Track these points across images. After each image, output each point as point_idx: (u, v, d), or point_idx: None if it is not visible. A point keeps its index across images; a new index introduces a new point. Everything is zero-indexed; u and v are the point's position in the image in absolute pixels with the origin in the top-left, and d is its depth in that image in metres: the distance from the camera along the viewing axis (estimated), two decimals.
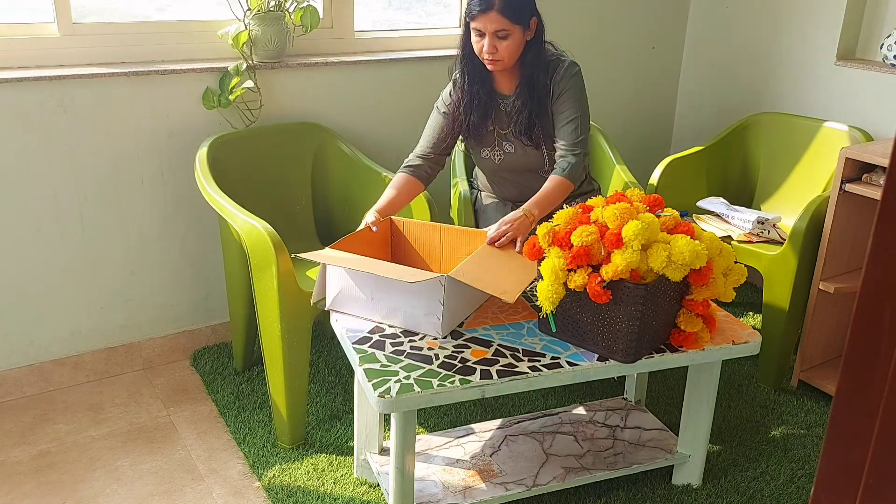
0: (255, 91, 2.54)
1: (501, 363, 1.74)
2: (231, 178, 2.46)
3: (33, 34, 2.34)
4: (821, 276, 2.47)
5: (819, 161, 2.85)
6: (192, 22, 2.57)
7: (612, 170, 2.72)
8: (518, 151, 2.31)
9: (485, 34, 2.13)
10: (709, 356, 1.88)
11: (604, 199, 1.86)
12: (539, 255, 1.80)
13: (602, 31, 3.29)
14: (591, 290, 1.69)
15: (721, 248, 1.81)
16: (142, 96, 2.43)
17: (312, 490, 2.11)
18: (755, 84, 3.25)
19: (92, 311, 2.55)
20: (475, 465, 2.05)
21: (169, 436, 2.34)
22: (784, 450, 2.32)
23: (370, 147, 2.83)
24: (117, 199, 2.49)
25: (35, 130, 2.31)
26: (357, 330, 1.86)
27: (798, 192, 2.88)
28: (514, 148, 2.31)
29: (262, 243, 2.05)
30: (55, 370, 2.54)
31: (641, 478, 2.17)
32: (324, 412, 2.44)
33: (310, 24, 2.55)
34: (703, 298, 1.81)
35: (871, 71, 2.82)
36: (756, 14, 3.20)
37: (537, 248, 1.80)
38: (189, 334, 2.75)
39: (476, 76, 2.24)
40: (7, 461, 2.21)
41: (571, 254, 1.71)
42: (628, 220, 1.70)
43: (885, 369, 0.64)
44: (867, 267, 0.63)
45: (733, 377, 2.68)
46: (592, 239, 1.71)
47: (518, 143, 2.30)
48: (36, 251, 2.40)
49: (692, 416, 2.08)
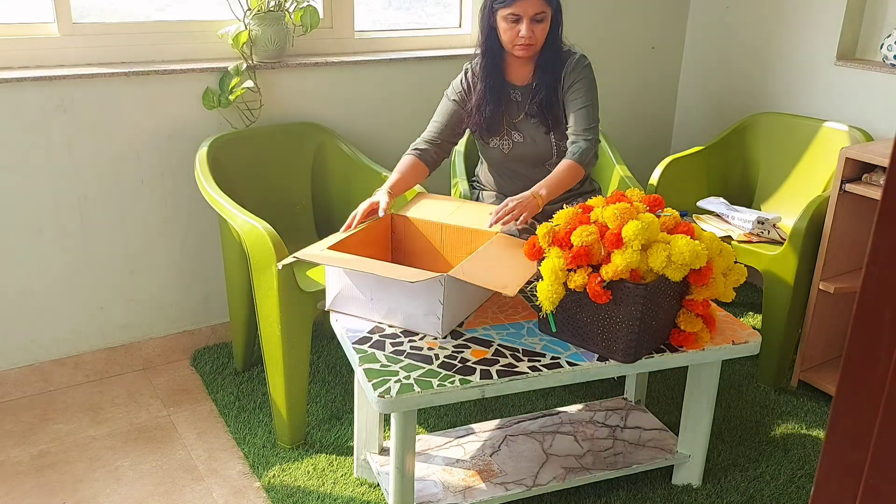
0: (255, 91, 2.54)
1: (501, 363, 1.74)
2: (231, 178, 2.46)
3: (33, 34, 2.34)
4: (821, 276, 2.47)
5: (819, 161, 2.85)
6: (192, 22, 2.57)
7: (612, 170, 2.72)
8: (527, 140, 2.31)
9: (521, 19, 2.16)
10: (709, 356, 1.88)
11: (604, 199, 1.86)
12: (539, 254, 1.80)
13: (602, 31, 3.29)
14: (591, 291, 1.69)
15: (721, 248, 1.81)
16: (142, 96, 2.43)
17: (312, 490, 2.11)
18: (755, 84, 3.25)
19: (92, 311, 2.55)
20: (475, 465, 2.05)
21: (169, 436, 2.34)
22: (784, 450, 2.32)
23: (370, 147, 2.83)
24: (117, 199, 2.49)
25: (35, 130, 2.31)
26: (357, 330, 1.86)
27: (798, 192, 2.88)
28: (523, 136, 2.32)
29: (262, 243, 2.05)
30: (55, 370, 2.54)
31: (641, 478, 2.17)
32: (324, 412, 2.44)
33: (310, 24, 2.55)
34: (703, 298, 1.81)
35: (871, 71, 2.82)
36: (756, 14, 3.20)
37: (537, 248, 1.80)
38: (189, 334, 2.75)
39: (493, 68, 2.28)
40: (7, 461, 2.21)
41: (571, 254, 1.71)
42: (628, 220, 1.70)
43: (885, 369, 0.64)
44: (867, 267, 0.63)
45: (733, 377, 2.68)
46: (592, 239, 1.70)
47: (527, 132, 2.31)
48: (36, 251, 2.40)
49: (692, 416, 2.08)
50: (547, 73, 2.26)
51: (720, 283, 1.81)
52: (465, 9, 3.06)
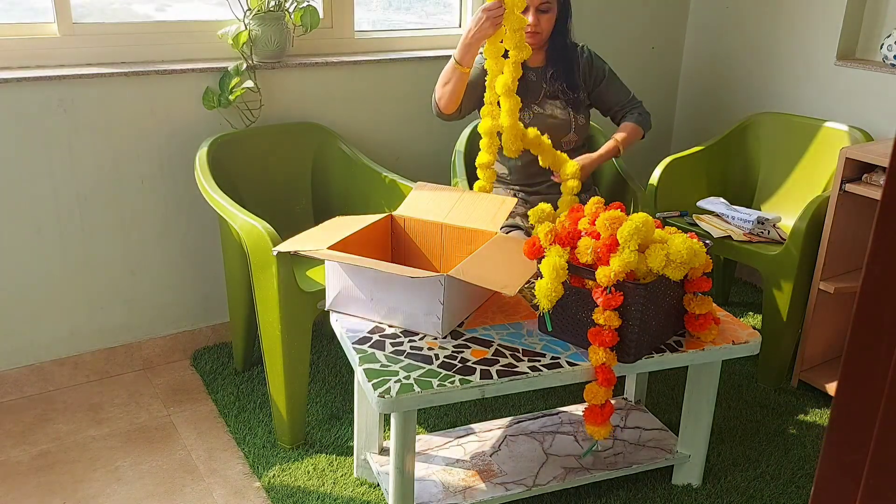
0: (255, 91, 2.54)
1: (501, 363, 1.74)
2: (231, 178, 2.46)
3: (33, 34, 2.34)
4: (821, 276, 2.47)
5: (819, 161, 2.85)
6: (191, 22, 2.57)
7: (611, 170, 2.72)
8: (547, 111, 2.43)
9: (528, 9, 2.28)
10: (709, 356, 1.88)
11: (598, 199, 1.87)
12: (539, 253, 1.80)
13: (602, 31, 3.28)
14: (603, 303, 1.70)
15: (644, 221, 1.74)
16: (142, 96, 2.43)
17: (312, 490, 2.11)
18: (755, 84, 3.25)
19: (92, 310, 2.55)
20: (475, 465, 2.05)
21: (169, 436, 2.34)
22: (784, 450, 2.32)
23: (370, 147, 2.83)
24: (117, 198, 2.49)
25: (35, 130, 2.31)
26: (357, 330, 1.86)
27: (798, 192, 2.88)
28: (544, 108, 2.43)
29: (262, 243, 2.05)
30: (55, 370, 2.54)
31: (641, 478, 2.17)
32: (324, 412, 2.44)
33: (310, 24, 2.55)
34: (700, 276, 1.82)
35: (871, 71, 2.82)
36: (756, 14, 3.20)
37: (537, 247, 1.80)
38: (189, 334, 2.75)
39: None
40: (7, 461, 2.21)
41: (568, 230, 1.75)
42: (619, 225, 1.72)
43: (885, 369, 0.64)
44: (867, 267, 0.63)
45: (733, 377, 2.68)
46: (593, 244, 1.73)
47: (547, 108, 2.43)
48: (36, 251, 2.40)
49: (692, 416, 2.08)
50: (558, 58, 2.43)
51: (677, 242, 1.73)
52: (465, 9, 3.06)
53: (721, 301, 3.17)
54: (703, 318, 1.84)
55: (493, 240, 1.99)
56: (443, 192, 2.22)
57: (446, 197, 2.20)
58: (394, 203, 2.34)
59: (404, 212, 2.15)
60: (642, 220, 1.69)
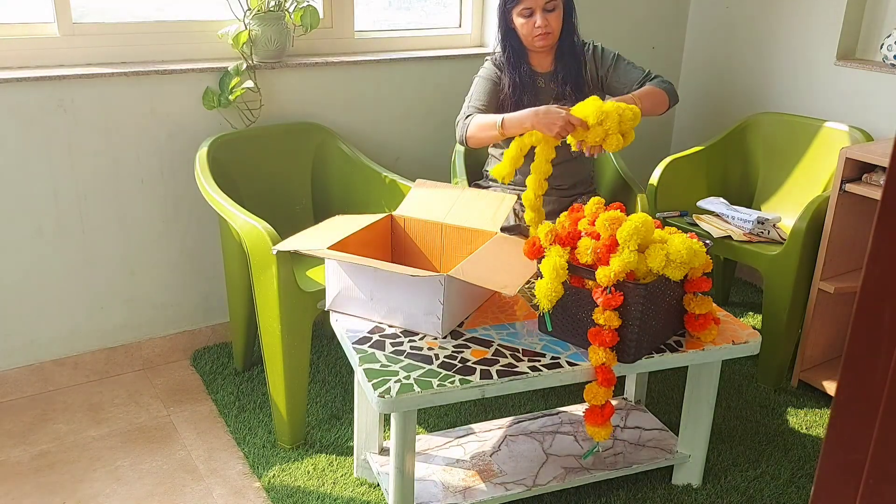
0: (255, 91, 2.54)
1: (501, 363, 1.74)
2: (231, 178, 2.46)
3: (33, 34, 2.34)
4: (821, 276, 2.47)
5: (819, 161, 2.85)
6: (192, 22, 2.57)
7: (611, 170, 2.72)
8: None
9: (534, 12, 2.30)
10: (709, 356, 1.88)
11: (598, 199, 1.87)
12: (539, 253, 1.80)
13: (602, 31, 3.28)
14: (604, 303, 1.70)
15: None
16: (142, 96, 2.43)
17: (312, 490, 2.11)
18: (755, 84, 3.25)
19: (92, 310, 2.55)
20: (475, 465, 2.05)
21: (169, 436, 2.34)
22: (784, 450, 2.32)
23: (370, 147, 2.83)
24: (117, 198, 2.49)
25: (35, 130, 2.31)
26: (357, 330, 1.86)
27: (798, 192, 2.88)
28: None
29: (262, 243, 2.05)
30: (55, 370, 2.54)
31: (641, 478, 2.17)
32: (324, 412, 2.44)
33: (310, 24, 2.55)
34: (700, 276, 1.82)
35: (871, 71, 2.82)
36: (756, 14, 3.20)
37: (537, 247, 1.80)
38: (189, 334, 2.75)
39: (518, 61, 2.39)
40: (7, 461, 2.21)
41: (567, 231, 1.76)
42: (619, 226, 1.72)
43: (885, 369, 0.64)
44: (867, 267, 0.63)
45: (733, 377, 2.68)
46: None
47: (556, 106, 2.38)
48: (36, 251, 2.40)
49: (692, 416, 2.08)
50: (567, 60, 2.40)
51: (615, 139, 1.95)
52: (465, 9, 3.06)
53: (721, 301, 3.17)
54: (703, 318, 1.84)
55: (492, 240, 1.99)
56: (443, 190, 2.21)
57: (446, 195, 2.20)
58: (394, 203, 2.34)
59: (404, 211, 2.15)
60: (642, 221, 1.69)
